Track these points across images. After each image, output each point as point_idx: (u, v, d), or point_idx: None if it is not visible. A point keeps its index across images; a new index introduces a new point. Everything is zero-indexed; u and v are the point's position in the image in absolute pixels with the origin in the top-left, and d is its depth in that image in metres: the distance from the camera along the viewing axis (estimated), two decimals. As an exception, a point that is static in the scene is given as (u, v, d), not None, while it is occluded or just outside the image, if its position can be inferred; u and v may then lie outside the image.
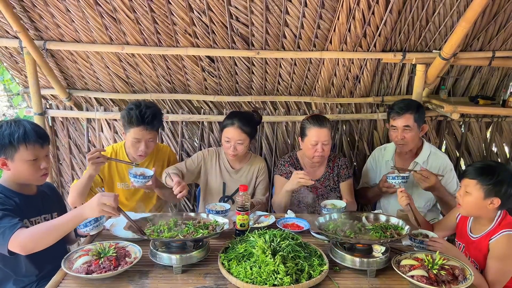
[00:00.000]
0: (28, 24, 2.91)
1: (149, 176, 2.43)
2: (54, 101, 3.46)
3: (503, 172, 2.01)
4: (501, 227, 2.01)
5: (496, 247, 1.98)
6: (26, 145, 1.93)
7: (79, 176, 3.63)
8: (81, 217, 1.81)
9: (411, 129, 2.70)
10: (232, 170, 2.83)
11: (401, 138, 2.72)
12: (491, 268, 1.94)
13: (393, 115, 2.76)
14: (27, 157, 1.95)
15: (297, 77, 3.26)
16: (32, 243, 1.75)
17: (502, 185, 1.98)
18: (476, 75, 3.41)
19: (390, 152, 2.95)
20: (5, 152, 1.93)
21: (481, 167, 2.05)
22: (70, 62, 3.19)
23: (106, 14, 2.78)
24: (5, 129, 1.93)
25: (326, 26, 2.82)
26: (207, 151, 2.89)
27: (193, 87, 3.35)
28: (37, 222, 2.04)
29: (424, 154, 2.82)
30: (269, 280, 1.65)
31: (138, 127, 2.51)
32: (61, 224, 1.80)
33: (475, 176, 2.03)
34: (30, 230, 1.78)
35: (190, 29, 2.85)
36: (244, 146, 2.68)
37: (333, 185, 2.83)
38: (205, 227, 1.97)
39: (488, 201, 2.01)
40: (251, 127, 2.69)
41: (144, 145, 2.56)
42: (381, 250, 1.85)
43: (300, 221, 2.36)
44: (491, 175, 1.99)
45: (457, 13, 2.78)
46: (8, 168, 1.96)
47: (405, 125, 2.70)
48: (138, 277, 1.76)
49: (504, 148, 3.79)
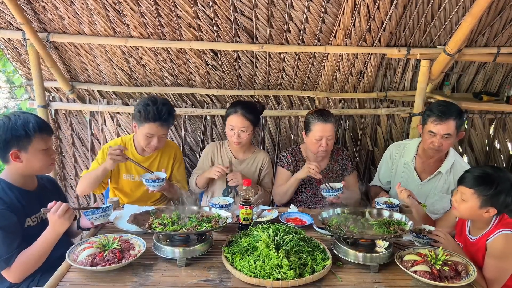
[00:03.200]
0: (32, 16, 2.90)
1: (163, 179, 2.45)
2: (57, 93, 3.46)
3: (501, 182, 1.93)
4: (498, 227, 2.01)
5: (493, 246, 1.98)
6: (40, 135, 1.96)
7: (81, 169, 3.65)
8: (59, 235, 1.91)
9: (451, 136, 2.49)
10: (236, 160, 2.84)
11: (439, 145, 2.49)
12: (489, 267, 1.94)
13: (434, 120, 2.48)
14: (41, 147, 1.98)
15: (301, 72, 3.25)
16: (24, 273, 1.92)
17: (499, 195, 1.93)
18: (480, 71, 3.39)
19: (411, 152, 2.75)
20: (18, 144, 1.93)
21: (480, 176, 1.98)
22: (74, 54, 3.18)
23: (110, 7, 2.77)
24: (16, 121, 1.93)
25: (330, 20, 2.81)
26: (209, 145, 2.94)
27: (196, 80, 3.35)
28: (39, 218, 2.07)
29: (448, 162, 2.66)
30: (273, 274, 1.66)
31: (154, 123, 2.53)
32: (47, 249, 1.92)
33: (472, 185, 1.97)
34: (22, 262, 1.89)
35: (194, 23, 2.84)
36: (247, 134, 2.70)
37: (336, 177, 2.83)
38: (208, 220, 1.98)
39: (484, 210, 1.97)
40: (254, 115, 2.71)
41: (157, 140, 2.58)
42: (384, 246, 1.86)
43: (303, 216, 2.37)
44: (489, 186, 1.93)
45: (463, 8, 2.77)
46: (21, 160, 1.96)
47: (446, 133, 2.47)
48: (142, 270, 1.77)
49: (507, 145, 3.78)
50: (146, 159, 2.73)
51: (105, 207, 2.05)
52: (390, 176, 2.90)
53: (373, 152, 3.63)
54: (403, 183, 2.73)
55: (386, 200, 2.42)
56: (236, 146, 2.78)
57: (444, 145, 2.51)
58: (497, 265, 1.95)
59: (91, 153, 3.56)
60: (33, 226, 2.03)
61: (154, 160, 2.76)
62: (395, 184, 2.84)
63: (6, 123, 1.92)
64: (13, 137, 1.91)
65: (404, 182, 2.73)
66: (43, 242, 1.90)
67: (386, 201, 2.42)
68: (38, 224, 2.05)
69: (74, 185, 3.72)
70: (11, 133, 1.91)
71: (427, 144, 2.56)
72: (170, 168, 2.82)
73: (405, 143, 2.88)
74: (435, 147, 2.52)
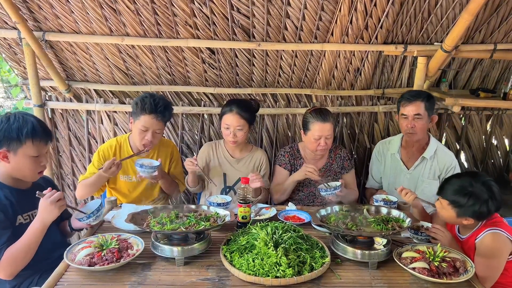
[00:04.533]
0: (27, 15, 2.88)
1: (155, 167, 2.45)
2: (53, 92, 3.44)
3: (476, 194, 1.95)
4: (486, 226, 2.03)
5: (481, 245, 2.00)
6: (32, 141, 1.93)
7: (79, 168, 3.64)
8: (45, 226, 1.89)
9: (421, 117, 2.68)
10: (233, 159, 2.84)
11: (411, 127, 2.69)
12: (479, 265, 1.95)
13: (403, 103, 2.74)
14: (31, 153, 1.95)
15: (298, 69, 3.25)
16: (13, 268, 1.89)
17: (473, 207, 1.96)
18: (477, 68, 3.40)
19: (395, 145, 2.92)
20: (9, 145, 1.92)
21: (455, 189, 2.01)
22: (70, 53, 3.16)
23: (106, 5, 2.76)
24: (13, 122, 1.91)
25: (327, 17, 2.80)
26: (205, 145, 2.94)
27: (193, 79, 3.34)
28: (31, 216, 2.05)
29: (431, 148, 2.79)
30: (271, 272, 1.65)
31: (150, 115, 2.53)
32: (34, 242, 1.89)
33: (448, 197, 2.03)
34: (9, 257, 1.86)
35: (191, 21, 2.83)
36: (243, 132, 2.70)
37: (334, 176, 2.84)
38: (206, 219, 1.98)
39: (462, 219, 2.03)
40: (249, 113, 2.71)
41: (151, 135, 2.57)
42: (382, 243, 1.86)
43: (301, 214, 2.37)
44: (462, 198, 1.97)
45: (460, 5, 2.77)
46: (8, 161, 1.95)
47: (416, 113, 2.67)
48: (140, 269, 1.76)
49: (504, 141, 3.80)
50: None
51: (96, 209, 2.04)
52: (381, 172, 2.99)
53: (370, 149, 3.63)
54: (392, 174, 2.90)
55: (384, 197, 2.46)
56: (232, 145, 2.77)
57: (417, 126, 2.69)
58: (486, 263, 1.96)
59: (88, 152, 3.55)
60: (25, 224, 2.01)
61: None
62: (385, 178, 2.96)
63: (3, 123, 1.92)
64: (5, 138, 1.90)
65: (393, 174, 2.90)
66: (29, 234, 1.89)
67: (384, 198, 2.45)
68: (29, 222, 2.02)
69: (71, 185, 3.71)
70: (4, 134, 1.90)
71: (403, 129, 2.78)
72: (167, 167, 2.82)
73: (390, 139, 3.04)
74: (408, 128, 2.71)
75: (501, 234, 1.98)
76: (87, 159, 3.56)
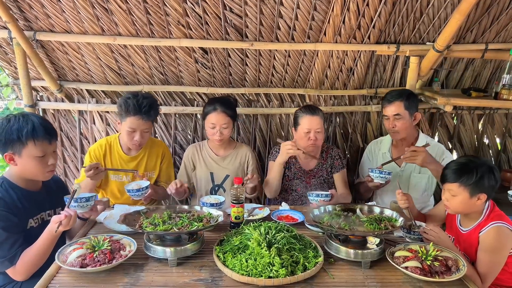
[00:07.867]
0: (18, 14, 2.85)
1: (146, 187, 2.38)
2: (45, 92, 3.41)
3: (480, 167, 1.99)
4: (490, 219, 2.03)
5: (486, 239, 2.00)
6: (34, 141, 1.91)
7: (71, 169, 3.61)
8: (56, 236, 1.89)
9: (401, 117, 2.71)
10: (218, 157, 2.84)
11: (392, 127, 2.74)
12: (482, 261, 1.97)
13: (384, 104, 2.80)
14: (35, 154, 1.93)
15: (291, 69, 3.25)
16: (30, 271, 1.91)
17: (483, 179, 1.98)
18: (469, 68, 3.42)
19: (386, 144, 2.97)
20: (13, 147, 1.91)
21: (458, 168, 2.03)
22: (61, 53, 3.13)
23: (98, 4, 2.73)
24: (13, 124, 1.90)
25: (320, 17, 2.80)
26: (189, 148, 2.93)
27: (186, 78, 3.33)
28: (40, 219, 2.05)
29: (420, 143, 2.81)
30: (265, 272, 1.65)
31: (135, 116, 2.50)
32: (48, 247, 1.90)
33: (455, 179, 2.02)
34: (26, 261, 1.88)
35: (183, 20, 2.82)
36: (229, 130, 2.71)
37: (326, 176, 2.84)
38: (199, 219, 1.97)
39: (475, 198, 2.01)
40: (233, 111, 2.73)
41: (139, 135, 2.55)
42: (375, 242, 1.87)
43: (295, 213, 2.37)
44: (470, 174, 1.99)
45: (451, 5, 2.78)
46: (15, 163, 1.94)
47: (395, 114, 2.71)
48: (133, 270, 1.76)
49: (495, 140, 3.83)
50: (133, 158, 2.71)
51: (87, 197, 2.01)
52: None
53: (363, 149, 3.64)
54: None
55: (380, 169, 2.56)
56: (217, 144, 2.77)
57: (398, 126, 2.73)
58: (490, 259, 1.97)
59: (80, 153, 3.52)
60: (35, 227, 2.01)
61: (142, 160, 2.74)
62: None
63: (4, 125, 1.91)
64: (7, 140, 1.90)
65: None
66: (43, 241, 1.89)
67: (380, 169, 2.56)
68: (39, 226, 2.03)
69: (64, 185, 3.67)
70: (5, 136, 1.89)
71: (387, 129, 2.84)
72: (158, 167, 2.80)
73: (381, 138, 3.10)
74: (390, 128, 2.77)
75: (505, 228, 1.99)
76: (79, 160, 3.54)
